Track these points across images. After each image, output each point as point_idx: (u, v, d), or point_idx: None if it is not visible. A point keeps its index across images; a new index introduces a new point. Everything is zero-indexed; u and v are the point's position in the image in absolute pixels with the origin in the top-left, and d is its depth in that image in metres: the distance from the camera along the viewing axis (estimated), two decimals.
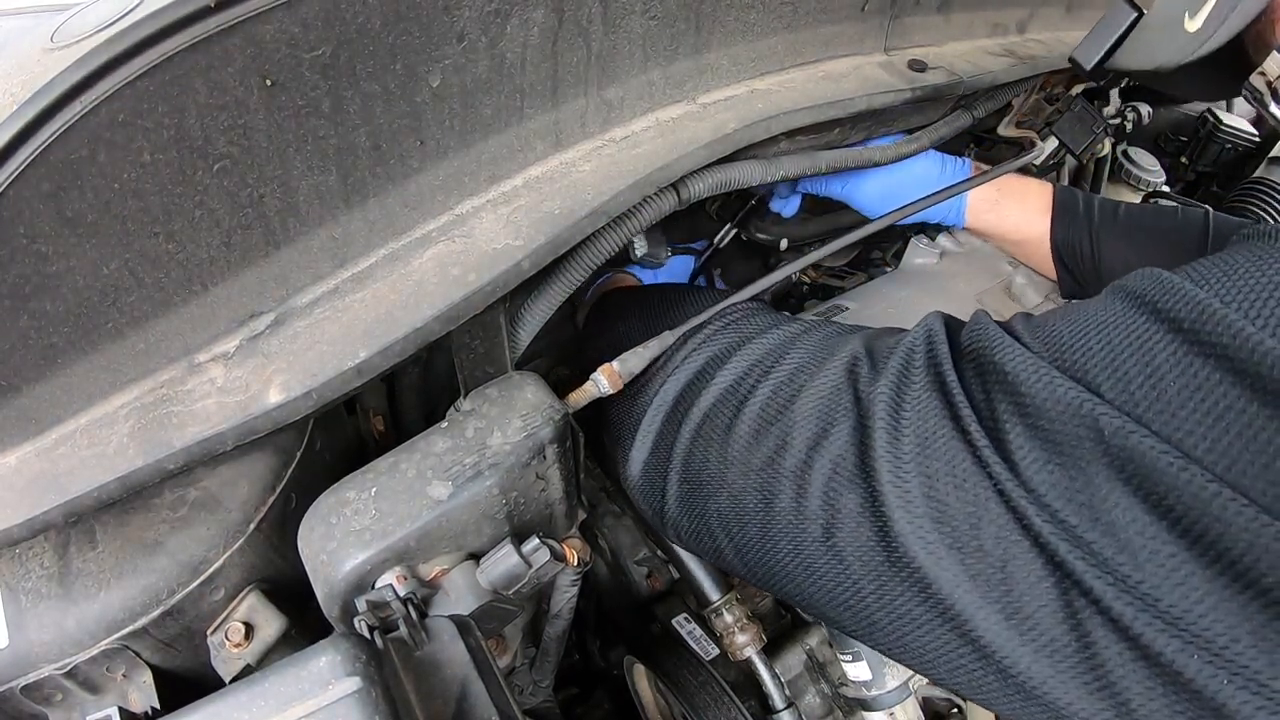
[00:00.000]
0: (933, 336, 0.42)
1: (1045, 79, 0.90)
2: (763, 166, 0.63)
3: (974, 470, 0.36)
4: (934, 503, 0.37)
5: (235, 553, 0.47)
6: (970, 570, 0.35)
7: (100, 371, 0.43)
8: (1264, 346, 0.29)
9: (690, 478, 0.50)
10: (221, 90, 0.38)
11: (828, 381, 0.45)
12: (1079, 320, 0.37)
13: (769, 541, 0.45)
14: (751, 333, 0.53)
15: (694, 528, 0.51)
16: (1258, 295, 0.30)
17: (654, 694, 0.85)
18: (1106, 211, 0.76)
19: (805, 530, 0.42)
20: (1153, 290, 0.34)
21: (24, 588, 0.45)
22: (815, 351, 0.48)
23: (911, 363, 0.41)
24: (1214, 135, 1.28)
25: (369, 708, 0.33)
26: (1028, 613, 0.34)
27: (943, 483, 0.37)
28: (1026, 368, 0.36)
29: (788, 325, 0.53)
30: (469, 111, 0.48)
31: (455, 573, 0.48)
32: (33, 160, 0.35)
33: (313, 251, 0.46)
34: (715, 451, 0.48)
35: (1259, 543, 0.28)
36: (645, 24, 0.54)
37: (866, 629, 0.42)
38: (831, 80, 0.67)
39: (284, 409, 0.43)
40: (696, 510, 0.50)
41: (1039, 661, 0.34)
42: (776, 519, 0.44)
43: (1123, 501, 0.31)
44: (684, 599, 0.76)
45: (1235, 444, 0.29)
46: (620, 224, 0.56)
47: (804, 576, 0.43)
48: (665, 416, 0.52)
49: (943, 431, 0.38)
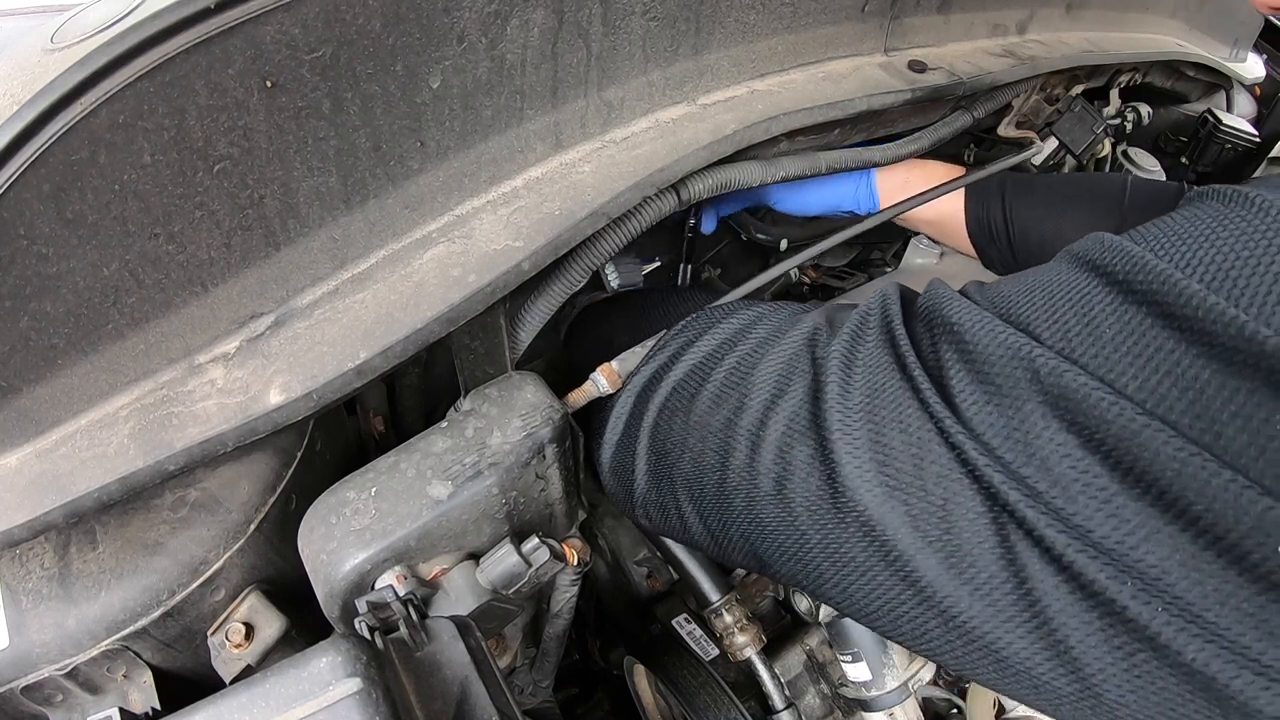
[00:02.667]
0: (886, 299, 0.44)
1: (1045, 79, 0.90)
2: (763, 167, 0.63)
3: (918, 414, 0.38)
4: (880, 447, 0.39)
5: (235, 553, 0.47)
6: (912, 510, 0.37)
7: (101, 372, 0.43)
8: (1189, 290, 0.31)
9: (656, 447, 0.51)
10: (222, 92, 0.38)
11: (787, 348, 0.47)
12: (1025, 281, 0.39)
13: (725, 499, 0.46)
14: (721, 316, 0.55)
15: (660, 500, 0.52)
16: (1188, 248, 0.32)
17: (654, 694, 0.85)
18: (1020, 184, 0.77)
19: (758, 485, 0.44)
20: (1094, 250, 0.37)
21: (25, 588, 0.45)
22: (779, 325, 0.50)
23: (866, 323, 0.43)
24: (1214, 135, 1.28)
25: (369, 709, 0.33)
26: (966, 550, 0.35)
27: (889, 428, 0.39)
28: (971, 317, 0.38)
29: (757, 307, 0.55)
30: (469, 113, 0.48)
31: (455, 572, 0.48)
32: (33, 161, 0.35)
33: (313, 252, 0.47)
34: (679, 420, 0.50)
35: (1186, 471, 0.29)
36: (645, 25, 0.54)
37: (815, 580, 0.43)
38: (831, 81, 0.67)
39: (284, 410, 0.43)
40: (663, 480, 0.51)
41: (978, 602, 0.35)
42: (731, 476, 0.45)
43: (1057, 437, 0.33)
44: (684, 599, 0.76)
45: (1164, 381, 0.31)
46: (620, 225, 0.56)
47: (755, 531, 0.45)
48: (636, 398, 0.54)
49: (890, 381, 0.40)
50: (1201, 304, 0.30)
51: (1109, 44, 1.01)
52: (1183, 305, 0.31)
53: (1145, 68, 1.14)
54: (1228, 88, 1.39)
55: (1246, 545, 0.28)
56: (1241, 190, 0.34)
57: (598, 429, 0.57)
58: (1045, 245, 0.75)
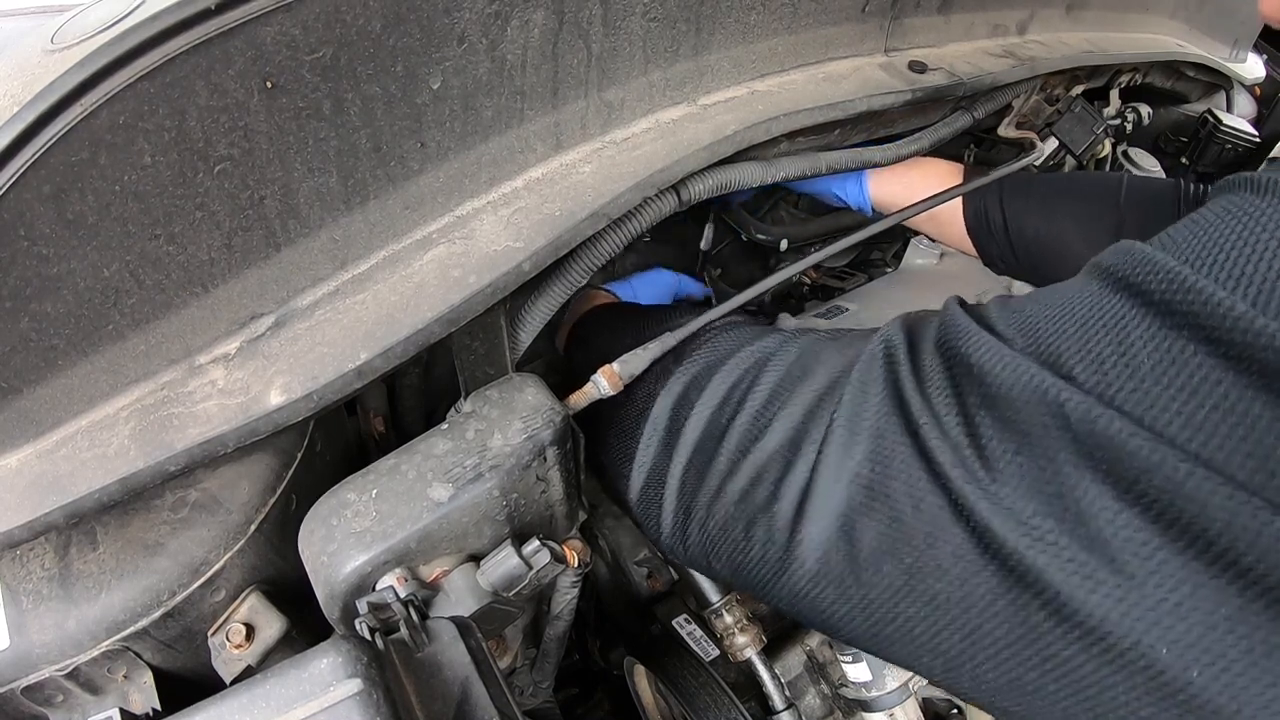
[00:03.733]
0: (890, 347, 0.41)
1: (1045, 80, 0.90)
2: (763, 168, 0.63)
3: (929, 489, 0.35)
4: (895, 524, 0.36)
5: (236, 554, 0.47)
6: (931, 590, 0.35)
7: (101, 373, 0.43)
8: (1235, 312, 0.27)
9: (682, 507, 0.50)
10: (222, 92, 0.38)
11: (797, 411, 0.44)
12: (1054, 303, 0.35)
13: (756, 570, 0.45)
14: (725, 352, 0.53)
15: (689, 554, 0.52)
16: (1227, 255, 0.29)
17: (654, 695, 0.85)
18: (1018, 181, 0.76)
19: (785, 562, 0.42)
20: (1124, 264, 0.33)
21: (25, 589, 0.45)
22: (790, 372, 0.47)
23: (868, 380, 0.40)
24: (1214, 136, 1.28)
25: (370, 710, 0.33)
26: (986, 630, 0.33)
27: (902, 502, 0.36)
28: (992, 356, 0.34)
29: (765, 339, 0.52)
30: (469, 113, 0.48)
31: (456, 574, 0.48)
32: (33, 162, 0.35)
33: (313, 253, 0.47)
34: (702, 486, 0.48)
35: (1237, 522, 0.26)
36: (645, 25, 0.54)
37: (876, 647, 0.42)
38: (832, 81, 0.67)
39: (285, 411, 0.43)
40: (690, 538, 0.50)
41: (1004, 675, 0.33)
42: (753, 551, 0.44)
43: (1091, 490, 0.30)
44: (684, 600, 0.76)
45: (1211, 418, 0.27)
46: (621, 225, 0.56)
47: (791, 602, 0.44)
48: (660, 445, 0.52)
49: (900, 451, 0.37)
50: (1250, 327, 0.26)
51: (1109, 44, 1.01)
52: (1229, 329, 0.27)
53: (1145, 68, 1.14)
54: (1228, 88, 1.39)
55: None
56: (1276, 178, 0.30)
57: (619, 462, 0.55)
58: (1043, 242, 0.75)
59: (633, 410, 0.55)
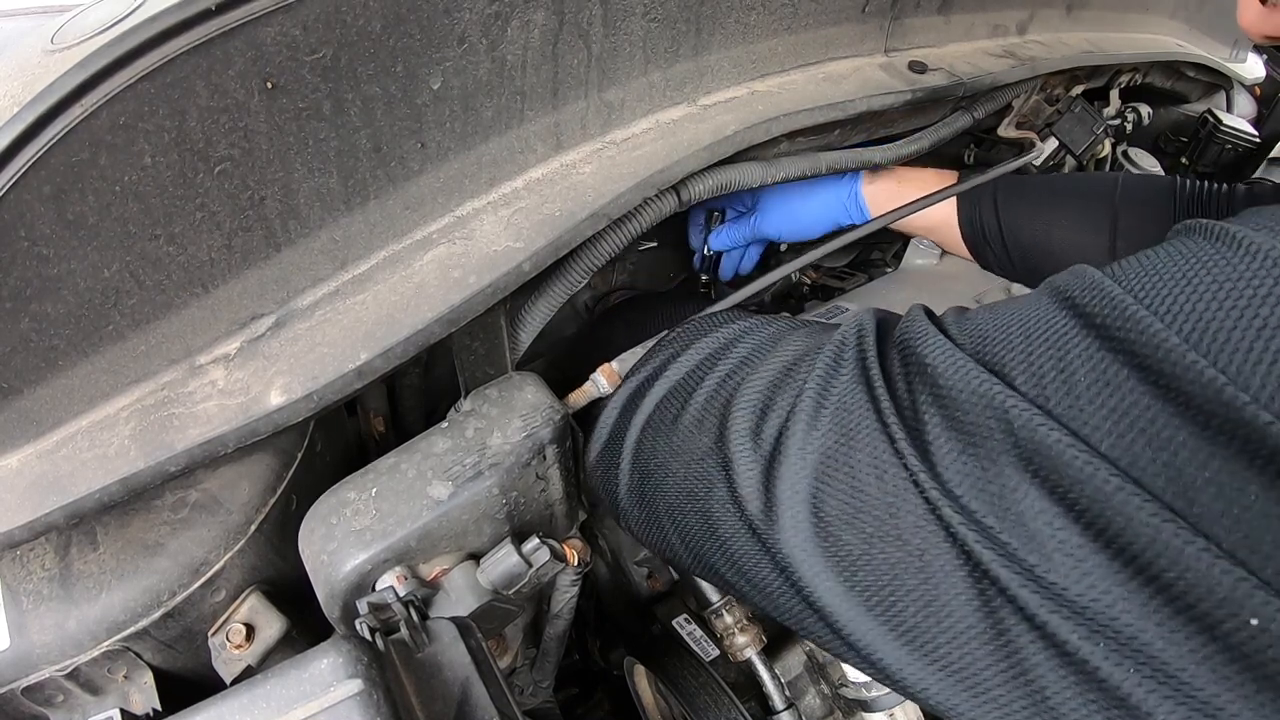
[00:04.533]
0: (863, 331, 0.43)
1: (1045, 80, 0.90)
2: (763, 168, 0.63)
3: (893, 462, 0.36)
4: (856, 494, 0.37)
5: (236, 554, 0.47)
6: (889, 560, 0.36)
7: (101, 374, 0.43)
8: (1168, 343, 0.29)
9: (639, 467, 0.51)
10: (222, 93, 0.38)
11: (766, 374, 0.45)
12: (1005, 315, 0.37)
13: (708, 530, 0.45)
14: (707, 328, 0.54)
15: (644, 517, 0.51)
16: (1169, 292, 0.31)
17: (654, 695, 0.85)
18: (1011, 185, 0.76)
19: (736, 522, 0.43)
20: (1075, 286, 0.35)
21: (25, 589, 0.45)
22: (761, 345, 0.49)
23: (841, 356, 0.42)
24: (1214, 136, 1.28)
25: (371, 710, 0.33)
26: (944, 600, 0.34)
27: (864, 472, 0.37)
28: (945, 359, 0.36)
29: (742, 320, 0.54)
30: (469, 114, 0.48)
31: (456, 573, 0.48)
32: (34, 163, 0.35)
33: (314, 253, 0.47)
34: (662, 442, 0.49)
35: (1160, 539, 0.28)
36: (646, 26, 0.54)
37: (791, 624, 0.43)
38: (832, 82, 0.67)
39: (285, 411, 0.43)
40: (646, 500, 0.50)
41: (956, 649, 0.34)
42: (714, 509, 0.45)
43: (1031, 494, 0.31)
44: (684, 600, 0.76)
45: (1138, 440, 0.29)
46: (621, 226, 0.56)
47: (729, 569, 0.44)
48: (620, 409, 0.53)
49: (865, 423, 0.38)
50: (1180, 360, 0.28)
51: (1109, 44, 1.01)
52: (1160, 360, 0.29)
53: (1145, 68, 1.14)
54: (1228, 88, 1.39)
55: (1218, 615, 0.27)
56: (1229, 229, 0.32)
57: (587, 433, 0.57)
58: (1039, 246, 0.74)
59: (610, 395, 0.56)
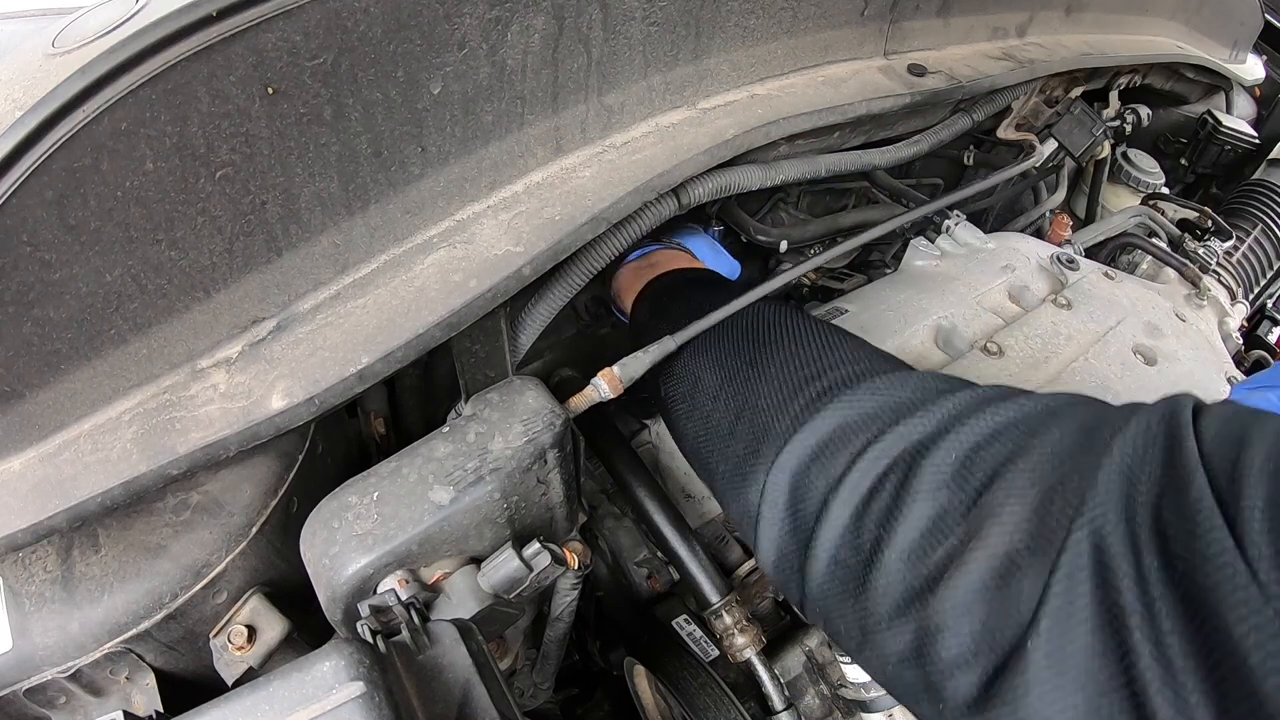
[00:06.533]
0: (1102, 556, 0.29)
1: (1044, 82, 0.91)
2: (762, 171, 0.63)
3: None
4: None
5: (238, 556, 0.48)
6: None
7: (104, 377, 0.43)
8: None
9: (827, 612, 0.42)
10: (224, 99, 0.38)
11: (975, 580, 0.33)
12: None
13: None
14: (864, 413, 0.43)
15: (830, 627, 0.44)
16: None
17: (654, 695, 0.85)
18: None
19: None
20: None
21: (27, 591, 0.45)
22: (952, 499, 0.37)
23: (1074, 602, 0.30)
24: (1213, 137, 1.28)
25: (372, 712, 0.34)
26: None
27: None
28: (1255, 636, 0.24)
29: (919, 417, 0.41)
30: (470, 118, 0.48)
31: (457, 576, 0.48)
32: (36, 168, 0.36)
33: (315, 258, 0.47)
34: (852, 601, 0.40)
35: None
36: (645, 30, 0.54)
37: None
38: (831, 85, 0.68)
39: (286, 415, 0.43)
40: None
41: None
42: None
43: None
44: (684, 600, 0.76)
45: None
46: (621, 229, 0.56)
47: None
48: (786, 507, 0.44)
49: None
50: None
51: (1108, 46, 1.01)
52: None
53: (1145, 70, 1.14)
54: (1227, 89, 1.40)
55: None
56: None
57: (735, 503, 0.47)
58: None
59: (746, 464, 0.46)
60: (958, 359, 0.79)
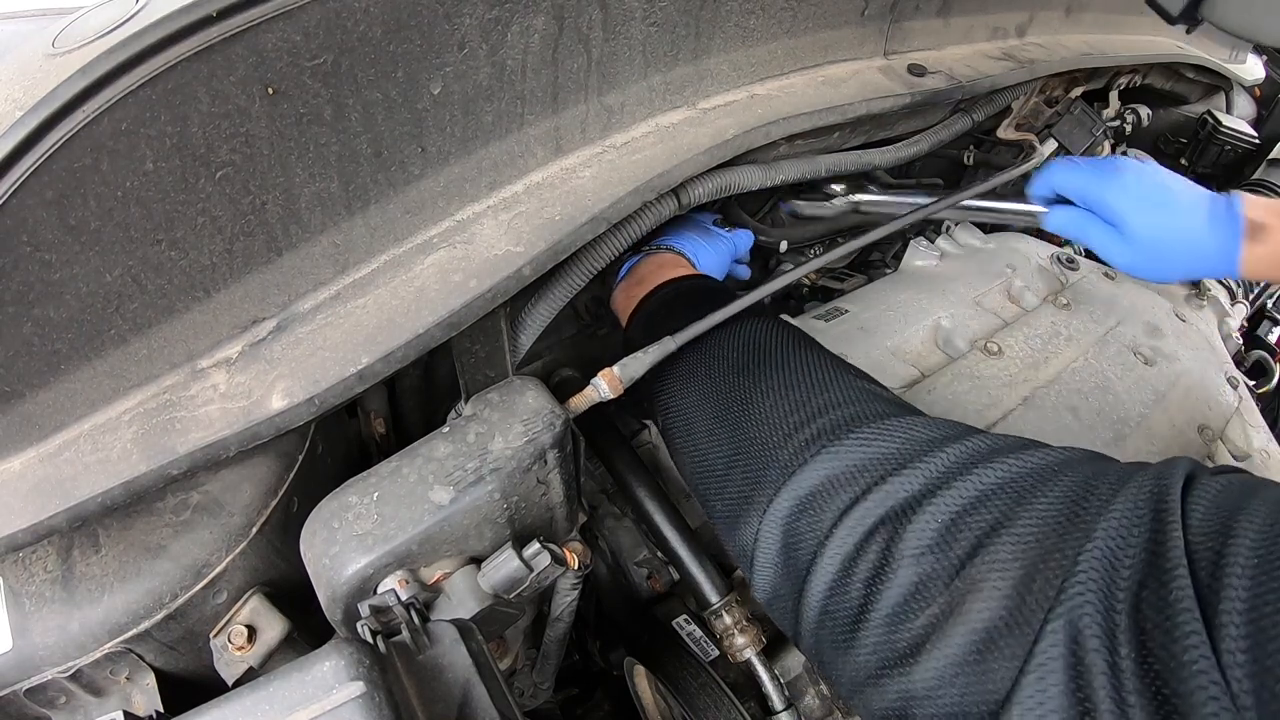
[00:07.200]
0: (1077, 646, 0.30)
1: (1045, 82, 0.91)
2: (763, 171, 0.63)
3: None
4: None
5: (238, 556, 0.48)
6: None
7: (104, 377, 0.44)
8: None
9: (819, 657, 0.43)
10: (224, 99, 0.38)
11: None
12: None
13: None
14: (851, 465, 0.43)
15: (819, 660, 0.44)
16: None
17: (654, 695, 0.85)
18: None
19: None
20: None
21: (28, 591, 0.45)
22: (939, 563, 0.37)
23: (1047, 680, 0.31)
24: (1213, 137, 1.28)
25: (373, 712, 0.34)
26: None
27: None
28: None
29: (905, 476, 0.41)
30: (470, 118, 0.48)
31: (457, 577, 0.48)
32: (36, 168, 0.36)
33: (315, 258, 0.47)
34: (840, 654, 0.41)
35: None
36: (645, 30, 0.54)
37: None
38: (831, 85, 0.68)
39: (286, 415, 0.43)
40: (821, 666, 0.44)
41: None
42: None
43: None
44: (684, 600, 0.76)
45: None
46: (621, 229, 0.56)
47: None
48: (779, 553, 0.44)
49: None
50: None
51: (1108, 46, 1.01)
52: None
53: (1145, 69, 1.14)
54: (1227, 89, 1.40)
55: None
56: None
57: (733, 536, 0.47)
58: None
59: (743, 497, 0.47)
60: (958, 359, 0.79)
